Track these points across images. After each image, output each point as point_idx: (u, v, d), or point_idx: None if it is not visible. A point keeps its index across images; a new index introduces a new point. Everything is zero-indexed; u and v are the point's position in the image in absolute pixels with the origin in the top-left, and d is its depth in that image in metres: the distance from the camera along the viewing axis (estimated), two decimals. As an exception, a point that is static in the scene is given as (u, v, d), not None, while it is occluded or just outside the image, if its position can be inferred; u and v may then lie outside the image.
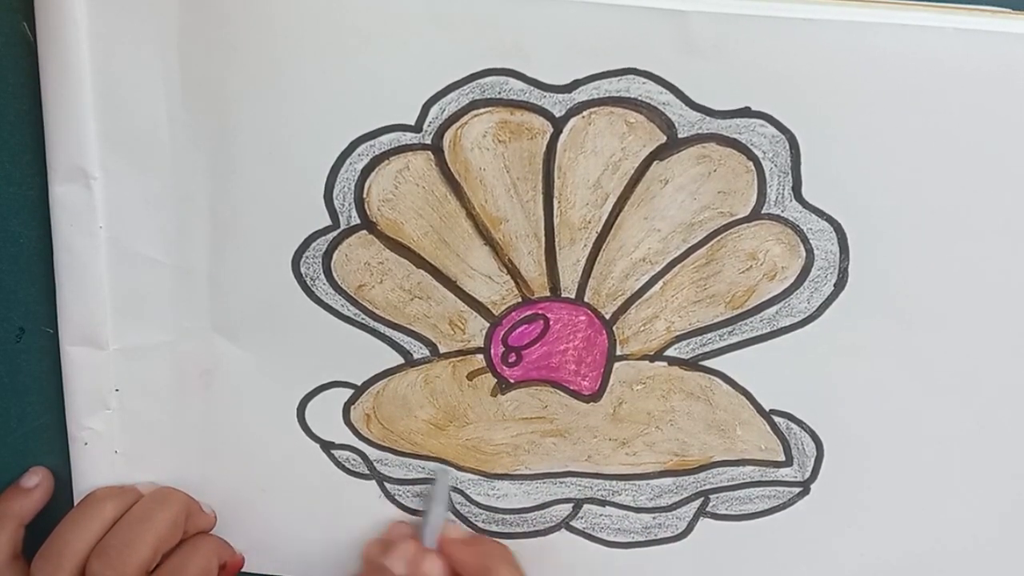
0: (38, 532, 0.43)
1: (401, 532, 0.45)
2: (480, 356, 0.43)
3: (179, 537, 0.44)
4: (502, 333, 0.43)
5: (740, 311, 0.42)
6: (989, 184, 0.39)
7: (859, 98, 0.38)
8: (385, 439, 0.45)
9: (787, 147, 0.39)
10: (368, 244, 0.41)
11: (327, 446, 0.45)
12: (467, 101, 0.39)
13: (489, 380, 0.43)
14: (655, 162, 0.39)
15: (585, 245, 0.41)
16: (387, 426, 0.44)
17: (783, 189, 0.39)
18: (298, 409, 0.44)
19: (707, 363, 0.43)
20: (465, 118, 0.39)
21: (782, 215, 0.40)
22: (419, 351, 0.43)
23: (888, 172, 0.39)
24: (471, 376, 0.43)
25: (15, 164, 0.41)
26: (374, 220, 0.41)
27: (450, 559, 0.43)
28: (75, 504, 0.44)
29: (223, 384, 0.44)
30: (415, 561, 0.42)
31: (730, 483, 0.44)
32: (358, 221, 0.41)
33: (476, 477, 0.45)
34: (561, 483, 0.45)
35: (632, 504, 0.45)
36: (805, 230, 0.40)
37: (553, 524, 0.46)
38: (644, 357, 0.43)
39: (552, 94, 0.38)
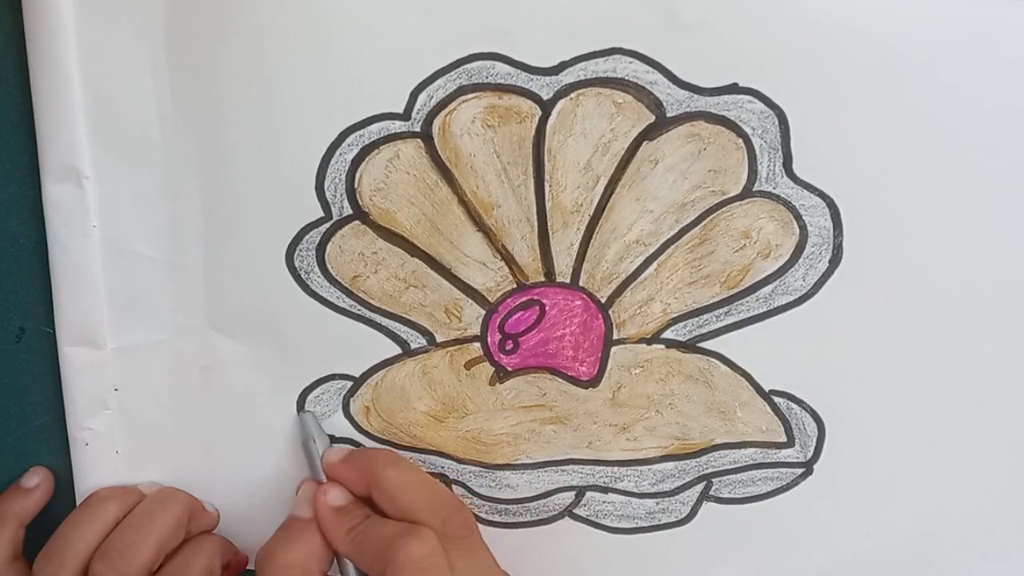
0: (39, 533, 0.43)
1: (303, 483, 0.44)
2: (477, 344, 0.43)
3: (182, 537, 0.44)
4: (498, 320, 0.42)
5: (736, 291, 0.41)
6: (982, 153, 0.39)
7: (847, 70, 0.38)
8: (385, 432, 0.44)
9: (776, 123, 0.39)
10: (361, 234, 0.41)
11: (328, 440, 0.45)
12: (455, 87, 0.39)
13: (487, 369, 0.43)
14: (645, 142, 0.39)
15: (578, 228, 0.41)
16: (387, 418, 0.44)
17: (774, 165, 0.39)
18: (298, 403, 0.44)
19: (705, 344, 0.42)
20: (453, 104, 0.39)
21: (774, 192, 0.40)
22: (416, 340, 0.43)
23: (879, 145, 0.39)
24: (468, 365, 0.43)
25: (15, 164, 0.41)
26: (366, 210, 0.41)
27: (340, 481, 0.42)
28: (77, 505, 0.44)
29: (222, 381, 0.44)
30: (316, 497, 0.42)
31: (732, 466, 0.44)
32: (350, 212, 0.41)
33: (477, 469, 0.45)
34: (563, 471, 0.45)
35: (635, 490, 0.45)
36: (797, 206, 0.40)
37: (556, 512, 0.45)
38: (641, 340, 0.43)
39: (539, 77, 0.39)
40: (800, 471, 0.44)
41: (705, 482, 0.44)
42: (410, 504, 0.40)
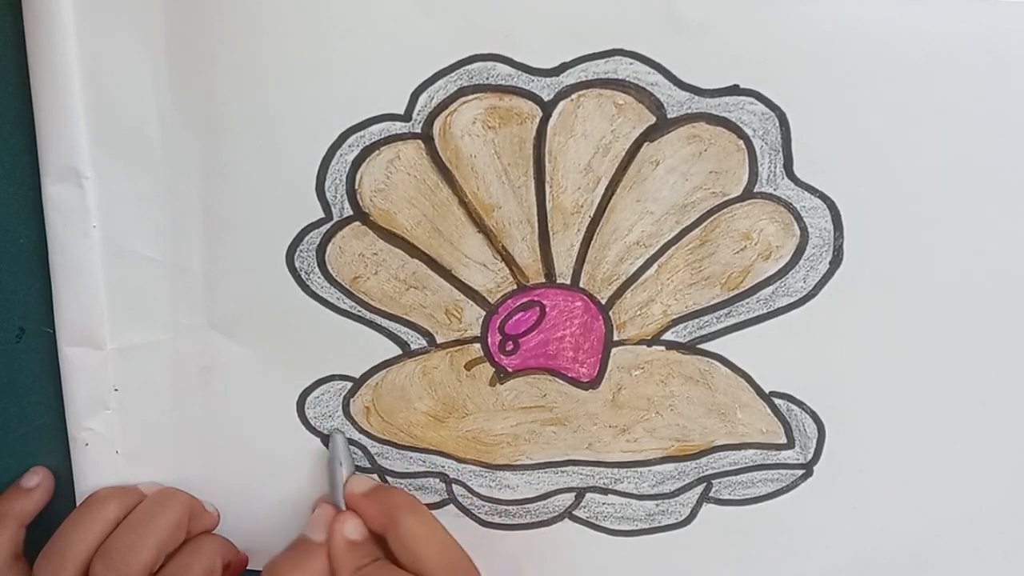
0: (39, 533, 0.43)
1: (321, 502, 0.44)
2: (477, 345, 0.43)
3: (182, 538, 0.44)
4: (499, 321, 0.42)
5: (736, 292, 0.41)
6: (982, 155, 0.39)
7: (848, 72, 0.38)
8: (385, 432, 0.44)
9: (777, 124, 0.39)
10: (362, 235, 0.41)
11: (328, 440, 0.45)
12: (455, 88, 0.39)
13: (487, 370, 0.43)
14: (645, 143, 0.39)
15: (578, 230, 0.41)
16: (387, 419, 0.44)
17: (774, 167, 0.39)
18: (298, 403, 0.44)
19: (705, 346, 0.42)
20: (454, 105, 0.39)
21: (774, 193, 0.40)
22: (416, 342, 0.43)
23: (880, 146, 0.39)
24: (469, 366, 0.43)
25: (15, 164, 0.42)
26: (367, 211, 0.41)
27: (358, 513, 0.42)
28: (77, 505, 0.44)
29: (222, 381, 0.44)
30: (333, 525, 0.42)
31: (732, 467, 0.44)
32: (351, 212, 0.41)
33: (478, 468, 0.45)
34: (563, 472, 0.45)
35: (635, 492, 0.45)
36: (798, 208, 0.40)
37: (556, 514, 0.45)
38: (642, 342, 0.43)
39: (540, 78, 0.39)
40: (800, 472, 0.44)
41: (705, 484, 0.44)
42: (422, 558, 0.40)
